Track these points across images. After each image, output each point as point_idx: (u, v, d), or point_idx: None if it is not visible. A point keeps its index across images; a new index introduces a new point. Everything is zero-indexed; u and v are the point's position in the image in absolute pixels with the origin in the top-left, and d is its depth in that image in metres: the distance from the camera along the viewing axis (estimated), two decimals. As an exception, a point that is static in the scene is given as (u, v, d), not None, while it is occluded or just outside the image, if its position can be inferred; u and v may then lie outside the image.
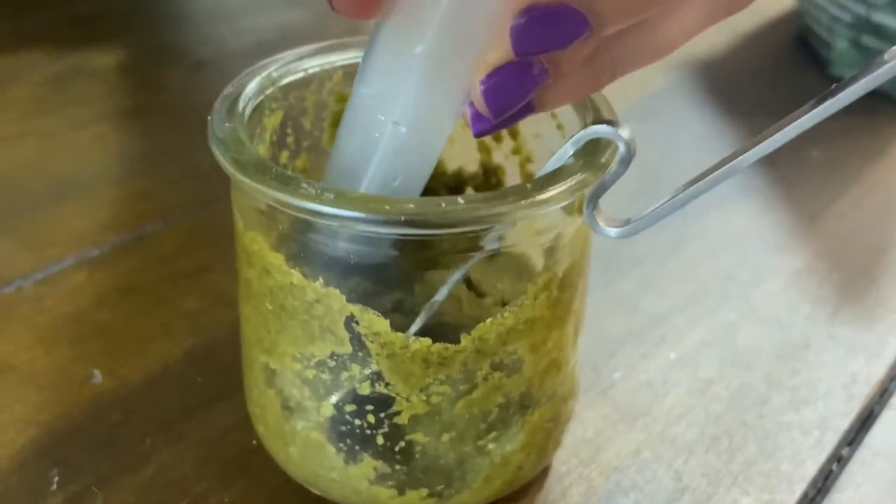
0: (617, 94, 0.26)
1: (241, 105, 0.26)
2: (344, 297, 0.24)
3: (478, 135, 0.24)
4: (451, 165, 0.33)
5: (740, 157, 0.23)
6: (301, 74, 0.28)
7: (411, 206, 0.22)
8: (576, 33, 0.21)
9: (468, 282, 0.30)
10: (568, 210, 0.25)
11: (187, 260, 0.40)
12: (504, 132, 0.32)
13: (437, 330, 0.25)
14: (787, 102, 0.56)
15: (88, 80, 0.54)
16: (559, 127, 0.29)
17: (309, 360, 0.26)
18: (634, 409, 0.34)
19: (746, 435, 0.33)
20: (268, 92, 0.27)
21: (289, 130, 0.29)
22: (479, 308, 0.29)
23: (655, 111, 0.55)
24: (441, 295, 0.26)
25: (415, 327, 0.26)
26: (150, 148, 0.49)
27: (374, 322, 0.24)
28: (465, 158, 0.32)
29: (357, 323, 0.24)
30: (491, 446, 0.27)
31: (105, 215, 0.43)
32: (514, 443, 0.27)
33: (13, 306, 0.37)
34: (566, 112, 0.27)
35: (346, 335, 0.25)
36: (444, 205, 0.22)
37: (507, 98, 0.22)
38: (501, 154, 0.32)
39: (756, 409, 0.34)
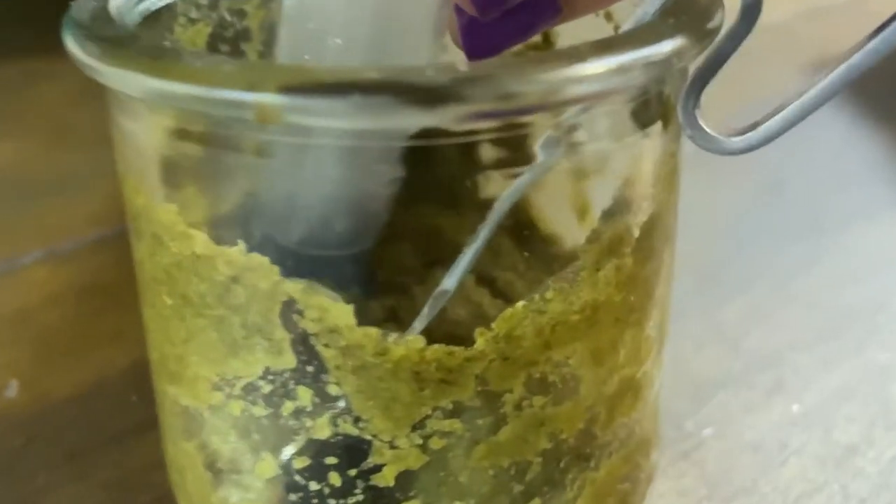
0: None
1: None
2: (277, 270, 0.15)
3: (472, 54, 0.16)
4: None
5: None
6: None
7: (373, 73, 0.12)
8: None
9: (491, 281, 0.20)
10: (646, 118, 0.15)
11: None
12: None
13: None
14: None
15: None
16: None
17: (232, 387, 0.16)
18: (732, 482, 0.24)
19: (909, 524, 0.22)
20: None
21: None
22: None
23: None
24: (453, 280, 0.17)
25: (417, 327, 0.16)
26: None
27: (330, 309, 0.15)
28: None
29: (300, 313, 0.15)
30: (533, 525, 0.17)
31: (93, 209, 0.38)
32: (569, 519, 0.17)
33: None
34: (626, 9, 0.18)
35: (284, 336, 0.15)
36: (430, 72, 0.12)
37: None
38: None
39: (924, 487, 0.24)
